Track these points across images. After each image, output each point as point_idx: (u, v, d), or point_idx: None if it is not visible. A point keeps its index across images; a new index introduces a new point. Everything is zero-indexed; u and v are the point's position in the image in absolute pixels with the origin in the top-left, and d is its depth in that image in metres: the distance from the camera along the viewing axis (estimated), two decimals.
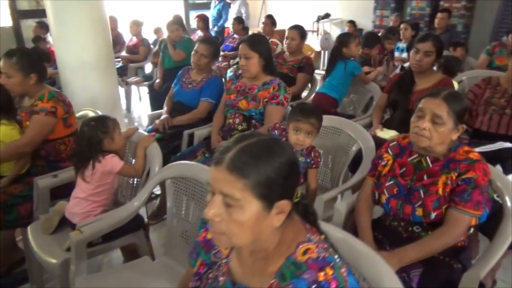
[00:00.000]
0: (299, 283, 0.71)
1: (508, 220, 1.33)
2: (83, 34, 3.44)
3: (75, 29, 3.44)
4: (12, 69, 1.84)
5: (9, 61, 1.84)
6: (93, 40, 3.50)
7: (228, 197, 0.72)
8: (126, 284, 1.39)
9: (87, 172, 1.64)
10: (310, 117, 1.66)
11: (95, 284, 1.39)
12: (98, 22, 3.60)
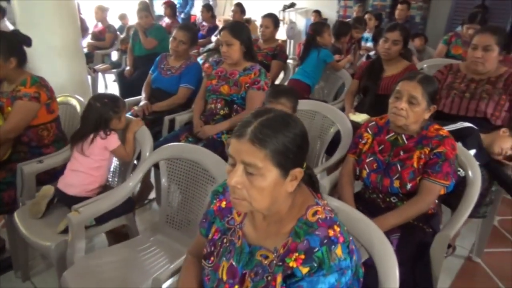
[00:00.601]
0: (313, 238, 0.82)
1: (471, 189, 1.51)
2: (50, 19, 3.33)
3: (41, 13, 3.33)
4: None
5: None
6: (60, 25, 3.39)
7: (250, 166, 0.81)
8: (126, 259, 1.45)
9: (86, 145, 1.67)
10: (280, 97, 1.73)
11: (95, 262, 1.43)
12: (65, 6, 3.50)
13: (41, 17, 3.31)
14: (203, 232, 1.07)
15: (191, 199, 1.56)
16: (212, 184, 1.48)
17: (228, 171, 0.86)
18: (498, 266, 2.06)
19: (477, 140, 1.84)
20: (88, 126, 1.70)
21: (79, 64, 3.62)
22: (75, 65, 3.53)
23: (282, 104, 1.70)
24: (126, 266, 1.42)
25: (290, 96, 1.73)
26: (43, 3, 3.33)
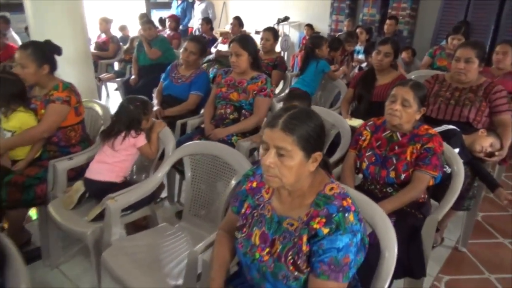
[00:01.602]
0: (331, 207, 1.04)
1: (455, 180, 1.75)
2: (61, 30, 3.52)
3: (54, 25, 3.52)
4: (27, 60, 1.99)
5: (24, 52, 1.99)
6: (71, 35, 3.59)
7: (281, 149, 1.03)
8: (156, 242, 1.64)
9: (117, 142, 1.87)
10: (293, 100, 2.03)
11: (129, 244, 1.62)
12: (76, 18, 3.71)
13: (53, 27, 3.50)
14: (235, 210, 1.27)
15: (212, 189, 1.77)
16: (232, 175, 1.69)
17: (262, 155, 1.08)
18: (482, 255, 2.29)
19: (460, 140, 2.08)
20: (121, 125, 1.90)
21: (88, 73, 3.82)
22: (85, 74, 3.73)
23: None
24: (157, 247, 1.61)
25: (302, 99, 1.99)
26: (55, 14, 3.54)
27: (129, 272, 1.44)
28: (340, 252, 0.99)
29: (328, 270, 0.99)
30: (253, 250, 1.13)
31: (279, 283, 1.07)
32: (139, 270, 1.45)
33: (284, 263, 1.06)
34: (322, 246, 1.01)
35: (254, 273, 1.14)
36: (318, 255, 1.01)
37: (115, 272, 1.46)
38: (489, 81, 2.35)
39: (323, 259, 1.00)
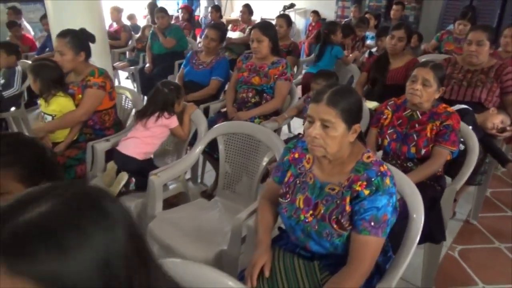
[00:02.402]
0: (370, 172, 1.17)
1: (471, 154, 1.88)
2: (80, 20, 3.61)
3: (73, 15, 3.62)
4: (66, 47, 2.11)
5: (63, 40, 2.11)
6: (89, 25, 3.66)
7: (326, 121, 1.16)
8: (196, 214, 1.78)
9: (150, 120, 2.01)
10: (318, 78, 2.28)
11: (171, 216, 1.76)
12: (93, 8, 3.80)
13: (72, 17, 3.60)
14: (276, 180, 1.41)
15: (245, 166, 1.90)
16: (265, 152, 1.82)
17: (307, 127, 1.21)
18: (491, 227, 2.44)
19: (472, 118, 2.21)
20: (156, 106, 2.03)
21: (106, 61, 3.91)
22: (103, 62, 3.80)
23: (318, 84, 2.08)
24: (198, 218, 1.75)
25: (326, 76, 2.13)
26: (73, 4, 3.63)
27: (176, 240, 1.59)
28: (380, 211, 1.13)
29: (369, 226, 1.13)
30: (297, 213, 1.27)
31: (323, 240, 1.21)
32: (186, 238, 1.59)
33: (328, 222, 1.20)
34: (363, 206, 1.14)
35: (299, 233, 1.28)
36: (360, 214, 1.15)
37: (164, 241, 1.60)
38: (500, 62, 2.46)
39: (365, 217, 1.14)
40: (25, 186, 1.01)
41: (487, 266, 2.11)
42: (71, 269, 0.49)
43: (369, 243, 1.14)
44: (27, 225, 0.49)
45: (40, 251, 0.48)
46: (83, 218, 0.52)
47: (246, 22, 5.21)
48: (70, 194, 0.55)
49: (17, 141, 1.06)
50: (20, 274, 0.48)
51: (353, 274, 1.12)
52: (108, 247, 0.53)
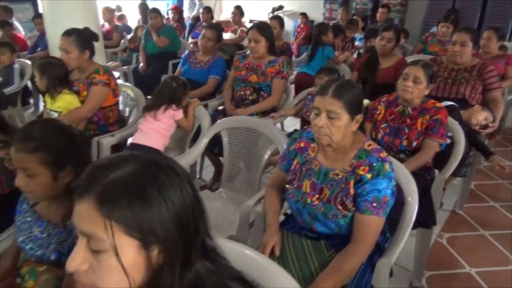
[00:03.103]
0: (371, 158, 1.29)
1: (457, 146, 2.02)
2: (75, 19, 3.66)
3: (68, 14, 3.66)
4: (71, 45, 2.17)
5: (68, 39, 2.17)
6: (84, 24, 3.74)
7: (331, 112, 1.27)
8: None
9: (159, 111, 2.12)
10: (320, 74, 2.46)
11: None
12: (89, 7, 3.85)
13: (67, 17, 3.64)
14: (283, 168, 1.51)
15: (248, 159, 2.00)
16: (267, 145, 1.92)
17: (313, 118, 1.32)
18: (476, 216, 2.60)
19: (458, 114, 2.36)
20: (164, 99, 2.13)
21: (101, 61, 3.94)
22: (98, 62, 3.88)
23: (321, 79, 2.22)
24: None
25: (328, 72, 2.27)
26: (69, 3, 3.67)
27: None
28: (381, 193, 1.25)
29: (371, 207, 1.25)
30: (304, 197, 1.38)
31: (329, 221, 1.32)
32: None
33: (333, 204, 1.31)
34: (366, 189, 1.26)
35: (306, 216, 1.38)
36: (363, 196, 1.26)
37: None
38: (482, 62, 2.63)
39: (367, 199, 1.25)
40: (49, 170, 1.08)
41: (473, 251, 2.26)
42: (153, 217, 0.61)
43: (372, 222, 1.25)
44: (117, 180, 0.62)
45: (129, 201, 0.60)
46: (161, 177, 0.65)
47: (238, 23, 5.31)
48: (147, 159, 0.67)
49: (46, 128, 1.12)
50: (110, 218, 0.60)
51: (357, 250, 1.24)
52: (181, 200, 0.65)
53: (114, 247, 0.60)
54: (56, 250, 1.12)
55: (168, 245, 0.63)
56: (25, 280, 1.16)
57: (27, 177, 1.07)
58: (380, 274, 1.29)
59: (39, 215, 1.18)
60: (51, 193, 1.12)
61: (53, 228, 1.14)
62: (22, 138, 1.07)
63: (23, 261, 1.19)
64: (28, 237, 1.17)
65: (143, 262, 0.63)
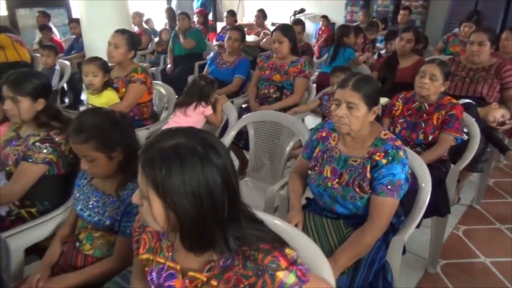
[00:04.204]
0: (387, 145, 1.42)
1: (473, 140, 2.12)
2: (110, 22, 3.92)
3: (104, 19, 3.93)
4: (122, 42, 2.41)
5: (121, 36, 2.41)
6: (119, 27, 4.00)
7: (351, 103, 1.41)
8: None
9: (189, 108, 2.31)
10: (335, 72, 2.59)
11: None
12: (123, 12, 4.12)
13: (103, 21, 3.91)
14: (305, 156, 1.66)
15: (272, 150, 2.16)
16: (290, 137, 2.07)
17: (334, 109, 1.46)
18: (493, 211, 2.67)
19: (475, 111, 2.45)
20: (194, 96, 2.31)
21: None
22: None
23: (337, 77, 2.36)
24: None
25: (342, 70, 2.41)
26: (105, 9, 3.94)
27: None
28: (395, 177, 1.38)
29: (386, 189, 1.38)
30: (325, 181, 1.52)
31: (347, 203, 1.46)
32: None
33: (352, 187, 1.45)
34: (381, 173, 1.39)
35: (326, 199, 1.53)
36: (379, 179, 1.40)
37: None
38: (500, 61, 2.71)
39: (383, 182, 1.39)
40: (103, 153, 1.27)
41: (488, 243, 2.34)
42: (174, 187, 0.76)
43: (387, 203, 1.39)
44: (156, 150, 0.78)
45: (157, 169, 0.76)
46: (205, 149, 0.79)
47: (261, 26, 5.49)
48: (194, 133, 0.83)
49: (92, 118, 1.29)
50: (146, 178, 0.78)
51: (373, 227, 1.37)
52: (223, 171, 0.79)
53: (147, 198, 0.79)
54: (110, 216, 1.31)
55: (181, 212, 0.77)
56: (83, 244, 1.36)
57: (88, 162, 1.26)
58: (394, 250, 1.42)
59: (95, 187, 1.38)
60: (109, 172, 1.31)
61: (107, 197, 1.34)
62: (75, 131, 1.25)
63: (81, 228, 1.38)
64: (86, 206, 1.36)
65: (164, 216, 0.79)
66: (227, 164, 0.82)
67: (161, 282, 0.91)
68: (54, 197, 1.65)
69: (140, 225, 1.01)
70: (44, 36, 4.93)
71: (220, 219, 0.81)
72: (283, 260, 0.82)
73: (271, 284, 0.80)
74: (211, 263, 0.86)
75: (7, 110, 1.61)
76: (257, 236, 0.85)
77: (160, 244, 0.96)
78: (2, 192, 1.55)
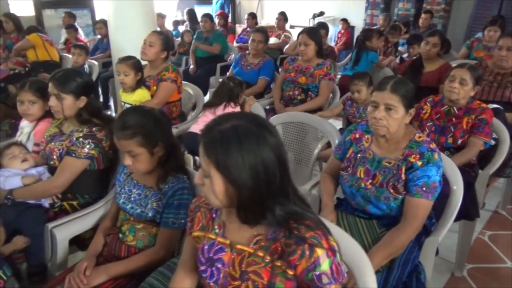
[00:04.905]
0: (422, 147, 1.45)
1: (502, 145, 2.12)
2: (136, 24, 4.00)
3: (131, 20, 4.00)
4: (157, 41, 2.50)
5: (157, 36, 2.51)
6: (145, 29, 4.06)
7: (390, 105, 1.44)
8: None
9: (219, 109, 2.36)
10: (354, 79, 2.62)
11: None
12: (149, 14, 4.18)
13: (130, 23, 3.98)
14: (337, 157, 1.69)
15: (300, 150, 2.19)
16: (319, 138, 2.11)
17: (371, 111, 1.49)
18: None
19: (503, 117, 2.44)
20: (223, 97, 2.37)
21: None
22: None
23: (355, 85, 2.39)
24: None
25: (361, 77, 2.45)
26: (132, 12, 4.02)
27: None
28: (430, 179, 1.40)
29: (421, 191, 1.40)
30: (358, 182, 1.55)
31: (381, 203, 1.49)
32: None
33: (385, 188, 1.47)
34: (416, 175, 1.42)
35: (359, 199, 1.56)
36: (414, 181, 1.42)
37: None
38: None
39: (418, 183, 1.41)
40: (146, 149, 1.33)
41: None
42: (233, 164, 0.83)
43: (421, 204, 1.41)
44: (215, 132, 0.86)
45: (218, 149, 0.84)
46: (259, 128, 0.87)
47: (281, 28, 5.53)
48: (247, 115, 0.93)
49: (136, 115, 1.35)
50: (208, 158, 0.85)
51: (408, 228, 1.40)
52: (275, 148, 0.86)
53: (210, 176, 0.86)
54: (152, 208, 1.37)
55: (240, 185, 0.84)
56: (126, 235, 1.41)
57: (131, 158, 1.32)
58: (428, 251, 1.44)
59: (136, 181, 1.44)
60: (150, 166, 1.37)
61: (149, 190, 1.40)
62: (120, 128, 1.32)
63: (124, 220, 1.44)
64: (128, 199, 1.43)
65: (225, 192, 0.86)
66: (279, 142, 0.89)
67: (211, 255, 0.99)
68: (94, 191, 1.72)
69: (195, 206, 1.08)
70: (70, 35, 5.06)
71: (273, 192, 0.87)
72: (325, 241, 0.87)
73: (308, 256, 0.85)
74: (258, 236, 0.93)
75: (51, 106, 1.68)
76: (304, 214, 0.91)
77: (212, 223, 1.03)
78: (47, 185, 1.62)
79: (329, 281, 0.85)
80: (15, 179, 1.62)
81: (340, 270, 0.87)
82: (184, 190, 1.36)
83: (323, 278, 0.85)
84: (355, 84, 2.59)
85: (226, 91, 2.39)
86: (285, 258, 0.88)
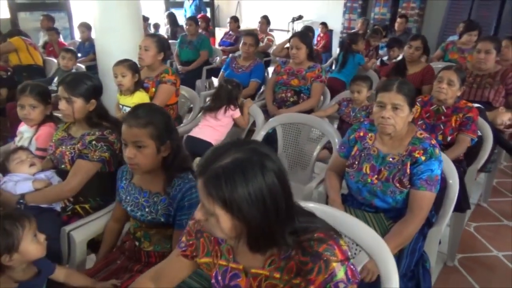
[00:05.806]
0: (425, 143, 1.55)
1: (486, 142, 2.27)
2: (123, 26, 3.96)
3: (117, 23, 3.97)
4: (152, 45, 2.50)
5: (152, 39, 2.51)
6: (131, 32, 4.04)
7: (396, 105, 1.53)
8: None
9: (219, 112, 2.42)
10: (356, 81, 2.69)
11: None
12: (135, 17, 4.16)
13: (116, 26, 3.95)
14: (342, 155, 1.78)
15: (300, 150, 2.27)
16: (319, 138, 2.19)
17: (377, 111, 1.59)
18: (499, 209, 2.84)
19: (484, 115, 2.61)
20: (223, 100, 2.41)
21: None
22: None
23: (358, 85, 2.49)
24: None
25: (364, 79, 2.53)
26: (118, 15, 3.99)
27: None
28: (433, 172, 1.51)
29: (425, 184, 1.51)
30: (364, 178, 1.64)
31: (387, 197, 1.58)
32: None
33: (392, 182, 1.57)
34: (420, 169, 1.52)
35: (365, 194, 1.65)
36: (418, 175, 1.52)
37: None
38: (504, 68, 2.89)
39: (422, 177, 1.51)
40: (155, 143, 1.30)
41: (499, 238, 2.50)
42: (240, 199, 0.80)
43: (425, 197, 1.51)
44: (216, 169, 0.81)
45: (221, 186, 0.79)
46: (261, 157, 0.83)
47: (264, 32, 5.61)
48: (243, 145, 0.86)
49: (150, 108, 1.35)
50: (211, 196, 0.80)
51: (415, 219, 1.50)
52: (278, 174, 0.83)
53: (214, 214, 0.83)
54: (163, 214, 1.36)
55: (249, 219, 0.81)
56: (142, 242, 1.43)
57: (136, 150, 1.28)
58: (432, 240, 1.55)
59: (140, 187, 1.41)
60: (152, 165, 1.33)
61: (156, 196, 1.38)
62: (134, 116, 1.29)
63: (136, 227, 1.45)
64: (136, 206, 1.40)
65: (233, 227, 0.84)
66: (281, 167, 0.86)
67: (227, 282, 0.98)
68: (106, 194, 1.73)
69: (196, 231, 1.06)
70: (52, 38, 4.95)
71: (281, 217, 0.85)
72: (338, 251, 0.87)
73: (324, 271, 0.85)
74: (271, 257, 0.92)
75: (61, 109, 1.68)
76: (311, 227, 0.91)
77: (219, 248, 1.01)
78: (60, 188, 1.62)
79: (345, 285, 0.86)
80: (26, 183, 1.61)
81: (354, 272, 0.89)
82: (192, 189, 1.33)
83: (340, 285, 0.86)
84: (357, 84, 2.71)
85: (225, 94, 2.44)
86: (303, 275, 0.87)
